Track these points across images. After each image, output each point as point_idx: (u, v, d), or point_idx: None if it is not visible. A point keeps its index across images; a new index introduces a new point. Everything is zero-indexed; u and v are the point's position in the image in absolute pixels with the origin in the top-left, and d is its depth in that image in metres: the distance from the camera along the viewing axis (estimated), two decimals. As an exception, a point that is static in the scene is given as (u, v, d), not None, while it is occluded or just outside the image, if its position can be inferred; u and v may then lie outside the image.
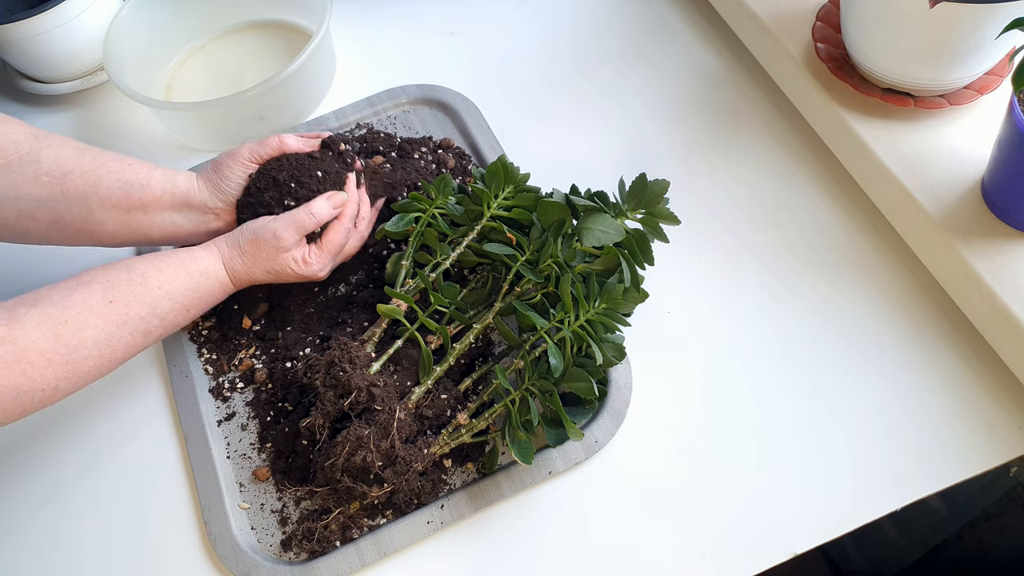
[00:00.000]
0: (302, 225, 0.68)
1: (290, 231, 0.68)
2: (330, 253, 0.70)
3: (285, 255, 0.68)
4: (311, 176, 0.71)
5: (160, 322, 0.63)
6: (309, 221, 0.68)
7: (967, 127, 0.72)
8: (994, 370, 0.67)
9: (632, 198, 0.69)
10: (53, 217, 0.67)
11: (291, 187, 0.71)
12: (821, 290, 0.73)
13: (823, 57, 0.76)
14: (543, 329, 0.63)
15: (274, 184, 0.71)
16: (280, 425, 0.68)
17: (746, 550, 0.61)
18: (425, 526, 0.63)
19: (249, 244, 0.67)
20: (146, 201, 0.68)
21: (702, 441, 0.66)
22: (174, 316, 0.64)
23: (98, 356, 0.59)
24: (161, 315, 0.63)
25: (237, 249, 0.68)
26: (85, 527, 0.67)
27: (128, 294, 0.61)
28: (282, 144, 0.72)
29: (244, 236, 0.68)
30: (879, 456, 0.64)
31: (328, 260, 0.70)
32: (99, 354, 0.59)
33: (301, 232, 0.68)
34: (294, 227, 0.68)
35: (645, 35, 0.94)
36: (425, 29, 0.98)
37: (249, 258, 0.67)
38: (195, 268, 0.65)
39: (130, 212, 0.68)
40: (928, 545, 0.91)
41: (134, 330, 0.61)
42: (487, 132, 0.85)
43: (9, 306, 0.57)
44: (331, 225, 0.71)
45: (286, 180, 0.71)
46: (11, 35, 0.88)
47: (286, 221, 0.68)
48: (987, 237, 0.66)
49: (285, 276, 0.69)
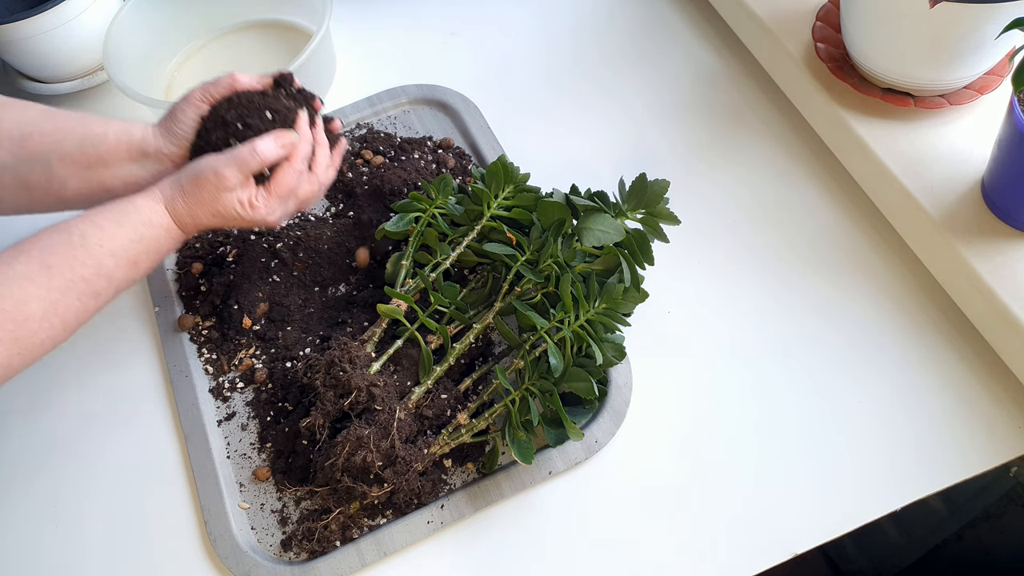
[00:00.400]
0: (244, 163, 0.63)
1: (231, 169, 0.63)
2: (279, 196, 0.65)
3: (228, 195, 0.63)
4: (260, 116, 0.66)
5: (108, 282, 0.60)
6: (252, 159, 0.63)
7: (967, 127, 0.72)
8: (994, 370, 0.67)
9: (632, 198, 0.69)
10: (18, 182, 0.65)
11: (237, 127, 0.65)
12: (821, 290, 0.73)
13: (823, 57, 0.76)
14: (543, 329, 0.63)
15: (222, 124, 0.66)
16: (280, 425, 0.68)
17: (746, 550, 0.61)
18: (425, 526, 0.63)
19: (190, 184, 0.63)
20: (104, 154, 0.66)
21: (702, 441, 0.66)
22: (122, 273, 0.61)
23: (49, 327, 0.57)
24: (108, 274, 0.59)
25: (179, 190, 0.63)
26: (85, 527, 0.67)
27: (68, 257, 0.58)
28: (234, 82, 0.68)
29: (185, 176, 0.64)
30: (879, 456, 0.64)
31: (277, 204, 0.65)
32: (50, 325, 0.57)
33: (244, 171, 0.63)
34: (236, 165, 0.63)
35: (645, 35, 0.94)
36: (425, 29, 0.98)
37: (192, 199, 0.63)
38: (136, 219, 0.61)
39: (91, 168, 0.66)
40: (928, 545, 0.91)
41: (81, 294, 0.58)
42: (487, 132, 0.85)
43: None
44: (280, 166, 0.65)
45: (233, 120, 0.66)
46: (11, 35, 0.88)
47: (227, 158, 0.63)
48: (987, 237, 0.66)
49: (232, 220, 0.65)
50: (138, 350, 0.76)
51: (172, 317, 0.76)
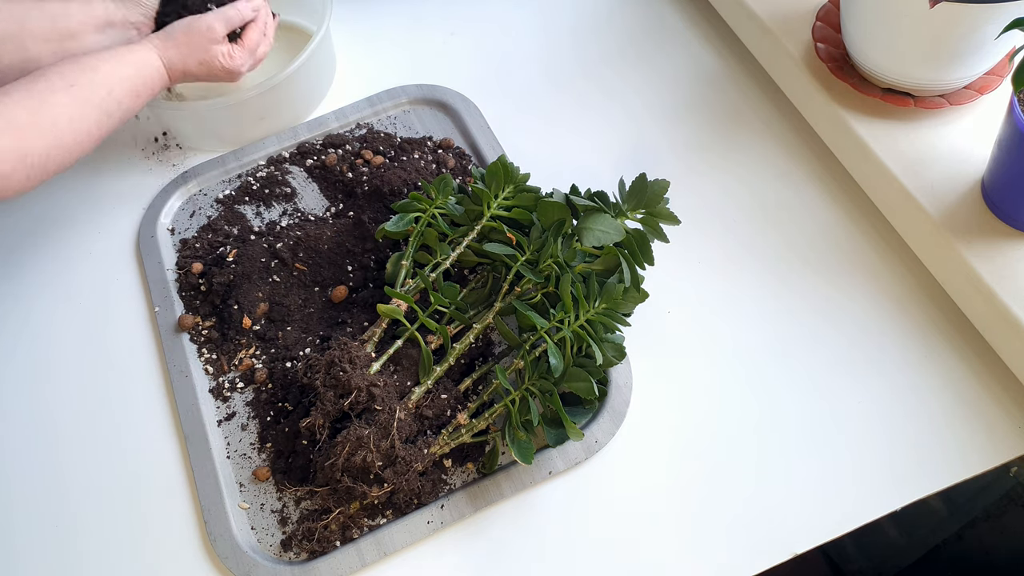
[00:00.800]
0: (230, 20, 0.76)
1: (220, 23, 0.76)
2: (249, 50, 0.78)
3: (216, 47, 0.75)
4: None
5: (118, 105, 0.69)
6: (236, 16, 0.77)
7: (967, 127, 0.72)
8: (994, 370, 0.67)
9: (632, 198, 0.69)
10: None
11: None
12: (821, 290, 0.73)
13: (823, 57, 0.76)
14: (543, 329, 0.63)
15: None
16: (280, 425, 0.68)
17: (746, 550, 0.61)
18: (425, 526, 0.63)
19: (182, 34, 0.74)
20: (73, 27, 0.73)
21: (702, 441, 0.66)
22: (128, 101, 0.71)
23: (75, 131, 0.66)
24: (118, 98, 0.69)
25: (171, 40, 0.74)
26: (84, 527, 0.67)
27: (84, 80, 0.67)
28: None
29: (178, 28, 0.75)
30: (879, 456, 0.64)
31: (248, 58, 0.78)
32: (76, 129, 0.66)
33: (229, 26, 0.76)
34: (224, 21, 0.76)
35: (645, 35, 0.94)
36: (425, 29, 0.98)
37: (184, 48, 0.74)
38: (133, 58, 0.71)
39: (62, 42, 0.73)
40: (928, 545, 0.91)
41: (98, 108, 0.68)
42: (487, 132, 0.85)
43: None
44: (249, 26, 0.79)
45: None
46: (11, 35, 0.88)
47: (217, 15, 0.76)
48: (987, 237, 0.66)
49: (214, 69, 0.76)
50: (138, 350, 0.76)
51: (172, 317, 0.76)
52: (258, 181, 0.85)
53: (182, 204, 0.85)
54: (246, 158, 0.86)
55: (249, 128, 0.87)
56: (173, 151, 0.90)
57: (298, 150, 0.87)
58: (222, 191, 0.85)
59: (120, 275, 0.81)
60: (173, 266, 0.80)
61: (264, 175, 0.85)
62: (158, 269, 0.79)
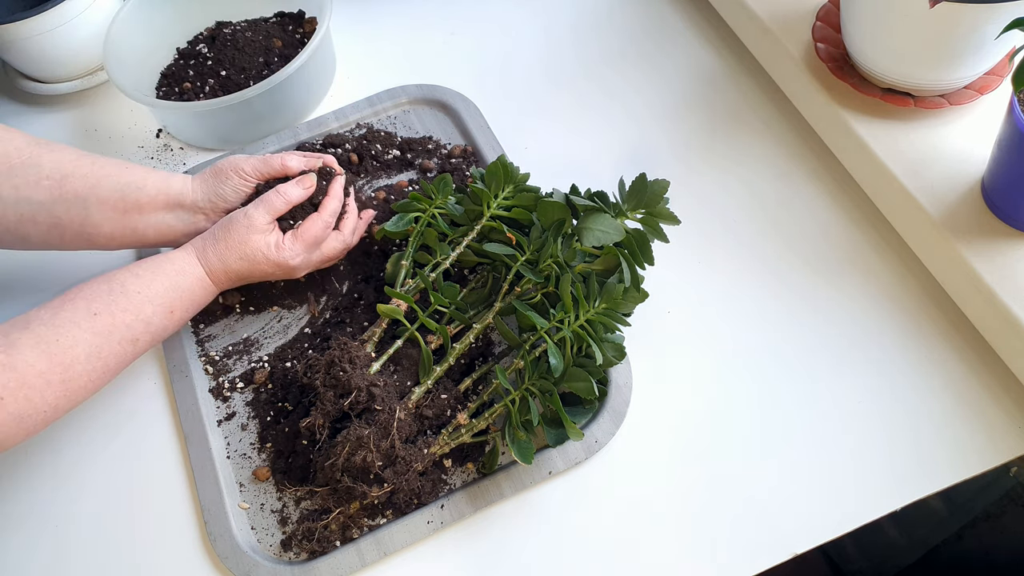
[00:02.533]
0: (270, 203, 0.69)
1: (259, 209, 0.68)
2: (304, 243, 0.69)
3: (257, 236, 0.68)
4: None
5: (146, 327, 0.64)
6: (277, 200, 0.69)
7: (967, 127, 0.72)
8: (994, 370, 0.67)
9: (632, 198, 0.69)
10: (52, 220, 0.67)
11: None
12: (821, 290, 0.73)
13: (823, 57, 0.76)
14: (543, 329, 0.63)
15: None
16: (280, 425, 0.68)
17: (746, 550, 0.61)
18: (425, 526, 0.63)
19: (222, 230, 0.68)
20: (142, 202, 0.69)
21: (702, 441, 0.66)
22: (159, 320, 0.65)
23: (91, 371, 0.60)
24: (146, 320, 0.63)
25: (211, 239, 0.68)
26: (84, 527, 0.67)
27: (110, 304, 0.62)
28: (285, 167, 0.72)
29: (219, 225, 0.69)
30: (879, 456, 0.64)
31: (302, 250, 0.70)
32: (91, 368, 0.60)
33: (272, 212, 0.69)
34: (264, 206, 0.68)
35: (645, 35, 0.94)
36: (425, 29, 0.98)
37: (222, 244, 0.67)
38: (171, 268, 0.66)
39: (127, 213, 0.69)
40: (928, 545, 0.91)
41: (122, 339, 0.62)
42: (487, 132, 0.85)
43: (3, 330, 0.58)
44: (309, 217, 0.70)
45: None
46: (11, 35, 0.88)
47: (256, 202, 0.69)
48: (987, 237, 0.66)
49: (259, 264, 0.68)
50: (138, 350, 0.76)
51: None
52: (258, 181, 0.85)
53: (182, 204, 0.85)
54: (246, 158, 0.86)
55: (249, 128, 0.87)
56: (173, 151, 0.90)
57: (298, 150, 0.87)
58: (222, 191, 0.85)
59: (120, 275, 0.81)
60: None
61: (264, 175, 0.85)
62: (158, 269, 0.79)
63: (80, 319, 0.60)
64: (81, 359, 0.59)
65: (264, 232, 0.68)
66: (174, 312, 0.66)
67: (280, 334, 0.74)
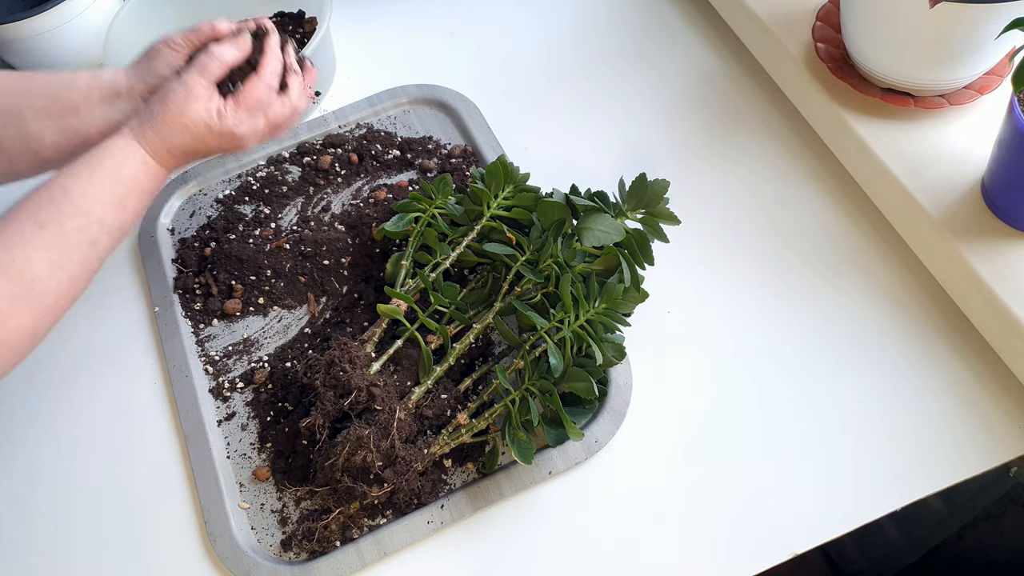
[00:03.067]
0: (206, 68, 0.62)
1: (194, 75, 0.62)
2: (247, 107, 0.64)
3: (195, 104, 0.62)
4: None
5: (101, 228, 0.59)
6: (212, 63, 0.63)
7: (967, 127, 0.72)
8: (994, 370, 0.67)
9: (632, 198, 0.69)
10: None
11: None
12: (821, 289, 0.73)
13: (823, 57, 0.76)
14: (543, 329, 0.63)
15: None
16: (280, 425, 0.68)
17: (746, 550, 0.61)
18: (425, 526, 0.63)
19: (158, 103, 0.62)
20: (76, 100, 0.65)
21: (702, 441, 0.66)
22: (112, 217, 0.60)
23: (57, 284, 0.57)
24: (98, 220, 0.59)
25: (148, 115, 0.62)
26: (84, 527, 0.67)
27: (56, 213, 0.58)
28: (215, 30, 0.67)
29: (153, 100, 0.63)
30: (879, 456, 0.64)
31: (246, 116, 0.64)
32: (57, 282, 0.57)
33: (208, 76, 0.62)
34: (198, 71, 0.62)
35: (645, 35, 0.94)
36: (425, 29, 0.98)
37: (160, 120, 0.61)
38: (110, 160, 0.61)
39: (63, 117, 0.65)
40: (928, 545, 0.91)
41: (79, 244, 0.58)
42: (487, 132, 0.85)
43: None
44: (248, 78, 0.64)
45: None
46: (11, 35, 0.88)
47: (189, 68, 0.63)
48: (987, 237, 0.66)
49: (203, 137, 0.63)
50: (138, 350, 0.76)
51: (172, 317, 0.76)
52: (258, 181, 0.85)
53: (182, 204, 0.85)
54: (246, 158, 0.86)
55: (249, 128, 0.87)
56: (173, 151, 0.90)
57: (298, 150, 0.87)
58: (222, 191, 0.85)
59: (120, 275, 0.81)
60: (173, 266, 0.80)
61: (264, 175, 0.85)
62: (158, 269, 0.79)
63: (28, 234, 0.56)
64: (43, 276, 0.56)
65: (203, 99, 0.62)
66: (126, 205, 0.61)
67: (280, 334, 0.75)
